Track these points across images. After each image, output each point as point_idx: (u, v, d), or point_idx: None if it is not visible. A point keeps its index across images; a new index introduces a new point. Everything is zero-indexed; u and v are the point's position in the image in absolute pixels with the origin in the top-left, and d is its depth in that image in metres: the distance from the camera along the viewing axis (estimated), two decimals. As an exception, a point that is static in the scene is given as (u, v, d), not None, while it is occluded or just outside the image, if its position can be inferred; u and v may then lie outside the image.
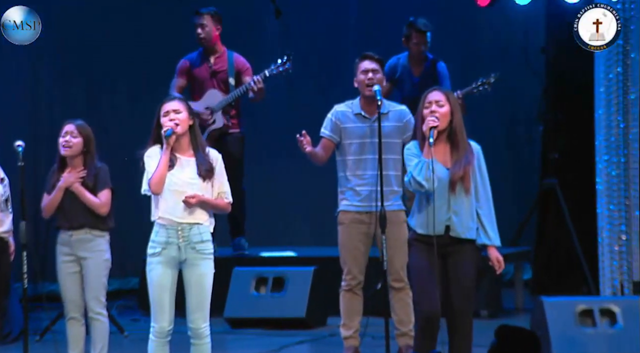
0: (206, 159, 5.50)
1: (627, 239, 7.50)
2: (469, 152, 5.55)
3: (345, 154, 6.65)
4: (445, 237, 5.54)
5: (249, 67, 8.41)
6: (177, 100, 5.57)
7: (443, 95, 5.57)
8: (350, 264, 6.62)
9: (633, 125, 7.53)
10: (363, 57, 6.64)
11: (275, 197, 10.01)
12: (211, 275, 5.53)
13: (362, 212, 6.58)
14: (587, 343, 6.72)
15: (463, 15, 9.64)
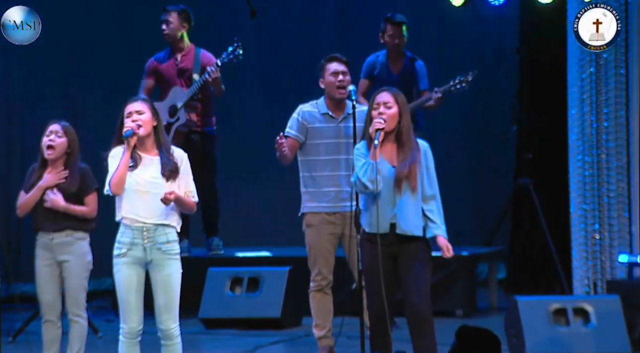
0: (170, 159, 5.49)
1: (600, 238, 7.54)
2: (416, 150, 5.59)
3: (310, 153, 6.64)
4: (392, 235, 5.56)
5: (214, 61, 8.39)
6: (141, 101, 5.56)
7: (392, 97, 5.61)
8: (321, 265, 6.63)
9: (606, 125, 7.57)
10: (331, 59, 6.65)
11: (250, 196, 10.00)
12: (178, 275, 5.51)
13: (330, 213, 6.59)
14: (561, 342, 6.75)
15: (438, 16, 9.67)
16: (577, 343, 6.76)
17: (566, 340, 6.76)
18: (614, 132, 7.54)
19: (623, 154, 7.54)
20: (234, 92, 9.09)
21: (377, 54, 8.48)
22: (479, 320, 8.27)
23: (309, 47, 10.01)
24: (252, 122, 9.89)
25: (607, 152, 7.56)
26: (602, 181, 7.57)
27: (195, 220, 8.61)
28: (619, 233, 7.52)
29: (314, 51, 10.09)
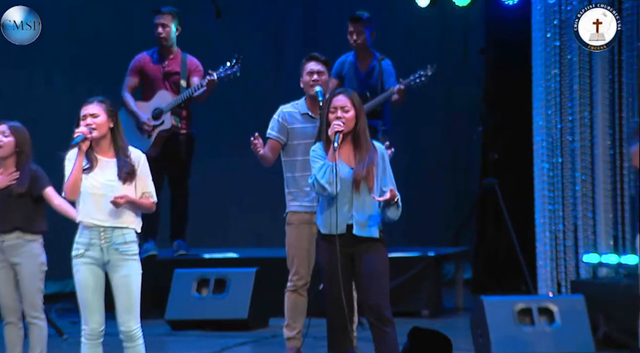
0: (127, 161, 5.46)
1: (565, 239, 7.60)
2: (373, 152, 5.61)
3: (292, 154, 6.64)
4: (348, 236, 5.58)
5: (201, 69, 8.38)
6: (96, 102, 5.51)
7: (348, 100, 5.62)
8: (298, 265, 6.62)
9: (570, 126, 7.62)
10: (309, 58, 6.65)
11: (217, 198, 9.99)
12: (137, 276, 5.48)
13: (311, 213, 6.58)
14: (526, 341, 6.79)
15: (405, 17, 9.70)
16: (541, 342, 6.80)
17: (531, 340, 6.80)
18: (579, 132, 7.60)
19: (587, 155, 7.60)
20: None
21: (347, 54, 8.51)
22: (445, 320, 8.31)
23: (276, 47, 10.01)
24: (218, 123, 9.87)
25: (571, 152, 7.61)
26: (567, 181, 7.63)
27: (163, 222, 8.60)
28: (583, 234, 7.58)
29: (281, 52, 10.12)
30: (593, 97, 7.55)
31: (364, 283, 5.59)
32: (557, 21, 7.58)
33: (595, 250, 7.53)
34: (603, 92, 7.52)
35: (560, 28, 7.57)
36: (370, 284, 5.58)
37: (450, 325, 8.13)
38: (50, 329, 7.35)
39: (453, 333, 7.67)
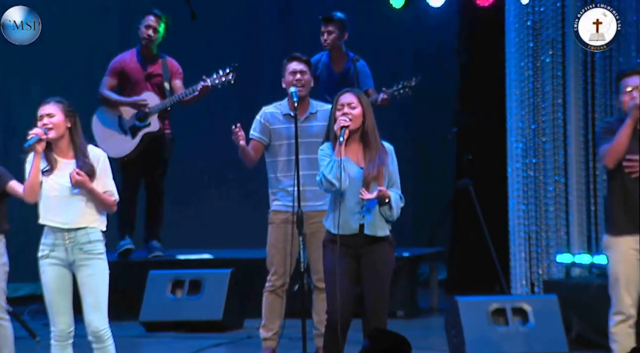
0: (87, 162, 5.43)
1: (538, 239, 7.63)
2: (383, 152, 5.60)
3: (275, 155, 6.64)
4: (360, 236, 5.56)
5: (181, 71, 8.36)
6: (53, 102, 5.47)
7: (355, 97, 5.62)
8: (277, 265, 6.62)
9: (544, 127, 7.66)
10: (291, 59, 6.65)
11: (192, 198, 9.96)
12: (103, 275, 5.45)
13: (293, 213, 6.58)
14: (500, 341, 6.82)
15: (379, 17, 9.71)
16: (515, 342, 6.82)
17: (505, 340, 6.82)
18: (552, 133, 7.64)
19: (560, 155, 7.64)
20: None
21: (321, 54, 8.51)
22: (420, 320, 8.33)
23: (251, 49, 10.00)
24: (194, 124, 9.85)
25: (545, 153, 7.65)
26: (540, 182, 7.66)
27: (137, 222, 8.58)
28: (557, 234, 7.62)
29: (257, 53, 10.10)
30: (566, 98, 7.59)
31: (368, 288, 5.58)
32: (530, 22, 7.61)
33: (568, 251, 7.57)
34: (576, 93, 7.56)
35: (534, 29, 7.61)
36: (373, 290, 5.57)
37: (425, 325, 8.15)
38: (23, 331, 7.34)
39: (428, 334, 7.73)
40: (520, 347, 6.81)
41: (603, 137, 5.88)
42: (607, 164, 5.85)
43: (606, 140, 5.84)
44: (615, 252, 5.84)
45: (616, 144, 5.78)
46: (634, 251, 5.80)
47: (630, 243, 5.80)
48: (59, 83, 9.12)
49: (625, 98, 5.83)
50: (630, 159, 5.79)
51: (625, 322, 5.81)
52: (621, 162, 5.79)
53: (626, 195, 5.81)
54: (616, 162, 5.81)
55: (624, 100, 5.84)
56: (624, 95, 5.84)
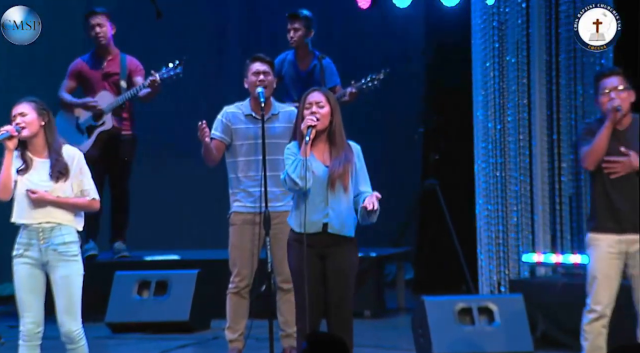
0: (60, 160, 5.45)
1: (504, 238, 7.67)
2: (348, 151, 5.60)
3: (236, 155, 6.64)
4: (324, 235, 5.56)
5: (142, 68, 8.35)
6: (26, 102, 5.52)
7: (323, 97, 5.62)
8: (240, 266, 6.61)
9: (510, 127, 7.70)
10: (254, 59, 6.65)
11: (158, 199, 9.92)
12: (77, 277, 5.47)
13: (254, 213, 6.57)
14: (467, 341, 6.84)
15: (345, 17, 9.72)
16: (482, 342, 6.85)
17: (472, 339, 6.85)
18: (517, 133, 7.67)
19: (526, 155, 7.67)
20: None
21: (286, 52, 8.51)
22: (387, 320, 8.35)
23: (217, 48, 9.98)
24: (160, 124, 9.81)
25: (510, 153, 7.69)
26: (506, 182, 7.70)
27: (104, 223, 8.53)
28: (522, 233, 7.66)
29: (222, 52, 10.09)
30: (531, 98, 7.63)
31: (331, 288, 5.57)
32: (496, 23, 7.65)
33: (534, 250, 7.61)
34: (541, 94, 7.60)
35: (499, 30, 7.64)
36: (337, 291, 5.57)
37: (392, 325, 8.17)
38: (-12, 333, 7.29)
39: (395, 334, 7.75)
40: (486, 346, 6.84)
41: (583, 139, 5.90)
42: (587, 165, 5.88)
43: (586, 141, 5.86)
44: (596, 250, 5.86)
45: (596, 146, 5.81)
46: (614, 250, 5.82)
47: (612, 242, 5.82)
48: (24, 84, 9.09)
49: (604, 99, 5.86)
50: (609, 160, 5.82)
51: (599, 321, 5.83)
52: (601, 163, 5.82)
53: (606, 195, 5.84)
54: (596, 164, 5.83)
55: (603, 102, 5.86)
56: (602, 97, 5.87)
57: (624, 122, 5.87)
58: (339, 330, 5.58)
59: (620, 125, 5.86)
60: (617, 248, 5.81)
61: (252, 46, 9.03)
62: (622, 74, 5.89)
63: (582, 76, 7.46)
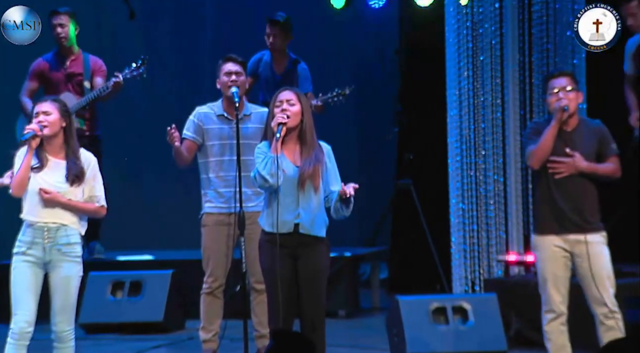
0: (77, 163, 5.51)
1: (478, 238, 7.69)
2: (319, 151, 5.60)
3: (207, 155, 6.63)
4: (295, 236, 5.56)
5: (105, 68, 8.30)
6: (50, 101, 5.60)
7: (294, 95, 5.62)
8: (213, 267, 6.61)
9: (483, 127, 7.72)
10: (226, 59, 6.64)
11: (132, 199, 9.89)
12: (77, 279, 5.55)
13: (225, 214, 6.57)
14: (441, 340, 6.86)
15: (320, 18, 9.72)
16: (456, 341, 6.87)
17: (446, 339, 6.87)
18: (491, 133, 7.70)
19: (500, 155, 7.70)
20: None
21: (262, 52, 8.51)
22: (361, 320, 8.36)
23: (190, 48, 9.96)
24: (133, 124, 9.79)
25: (484, 152, 7.71)
26: (480, 181, 7.72)
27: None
28: (496, 233, 7.68)
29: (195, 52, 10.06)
30: (505, 98, 7.66)
31: (304, 289, 5.58)
32: (469, 23, 7.67)
33: (507, 249, 7.64)
34: (514, 94, 7.63)
35: (473, 30, 7.67)
36: (309, 291, 5.57)
37: (366, 325, 8.18)
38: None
39: (369, 333, 7.76)
40: (460, 346, 6.86)
41: (530, 138, 5.96)
42: (532, 164, 5.94)
43: (533, 141, 5.92)
44: (542, 251, 5.94)
45: (541, 145, 5.86)
46: (560, 249, 5.89)
47: (556, 242, 5.89)
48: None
49: (552, 99, 5.92)
50: (554, 160, 5.87)
51: (557, 320, 5.90)
52: (546, 162, 5.88)
53: (551, 195, 5.90)
54: (541, 163, 5.89)
55: (550, 102, 5.92)
56: (550, 97, 5.93)
57: (572, 123, 5.93)
58: (312, 330, 5.58)
59: (567, 126, 5.91)
60: (562, 248, 5.89)
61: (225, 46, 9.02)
62: (571, 75, 5.96)
63: (554, 76, 7.49)
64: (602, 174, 5.93)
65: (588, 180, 5.91)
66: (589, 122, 6.04)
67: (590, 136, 5.95)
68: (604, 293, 5.82)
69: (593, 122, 6.06)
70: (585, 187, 5.89)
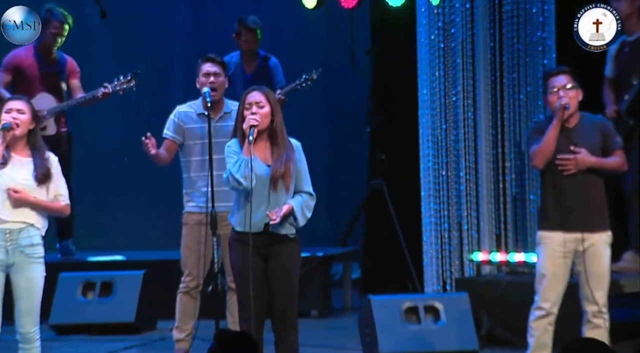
0: (44, 163, 5.48)
1: (450, 237, 7.71)
2: (290, 149, 5.60)
3: (189, 154, 6.62)
4: (266, 235, 5.55)
5: (79, 70, 8.26)
6: (24, 101, 5.58)
7: (263, 96, 5.61)
8: (192, 266, 6.59)
9: (455, 127, 7.75)
10: (205, 59, 6.64)
11: (103, 199, 9.85)
12: (41, 279, 5.52)
13: (206, 213, 6.54)
14: (413, 339, 6.87)
15: (292, 17, 9.72)
16: (428, 340, 6.89)
17: (418, 338, 6.88)
18: (463, 133, 7.72)
19: (471, 154, 7.72)
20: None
21: (231, 54, 8.51)
22: (333, 320, 8.36)
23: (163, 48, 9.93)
24: (105, 124, 9.74)
25: (456, 152, 7.73)
26: (452, 181, 7.74)
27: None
28: (468, 232, 7.71)
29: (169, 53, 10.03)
30: (476, 97, 7.68)
31: (275, 288, 5.57)
32: (441, 23, 7.69)
33: (479, 249, 7.67)
34: (485, 93, 7.65)
35: (444, 30, 7.69)
36: (281, 290, 5.56)
37: (338, 324, 8.19)
38: None
39: (341, 333, 7.76)
40: (432, 345, 6.87)
41: (533, 138, 5.95)
42: (536, 164, 5.93)
43: (536, 140, 5.91)
44: (545, 248, 5.90)
45: (544, 145, 5.86)
46: (563, 247, 5.87)
47: (562, 241, 5.86)
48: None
49: (553, 98, 5.91)
50: (562, 157, 5.87)
51: (546, 318, 5.89)
52: (551, 161, 5.88)
53: (556, 193, 5.89)
54: (545, 162, 5.89)
55: (551, 100, 5.92)
56: (551, 95, 5.92)
57: (573, 120, 5.93)
58: (284, 330, 5.58)
59: (569, 123, 5.92)
60: (566, 247, 5.87)
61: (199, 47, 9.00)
62: (570, 73, 5.95)
63: (525, 76, 7.53)
64: (609, 168, 5.89)
65: (595, 175, 5.87)
66: (591, 118, 6.01)
67: (594, 131, 5.93)
68: (598, 293, 5.82)
69: (595, 117, 6.04)
70: (592, 183, 5.86)
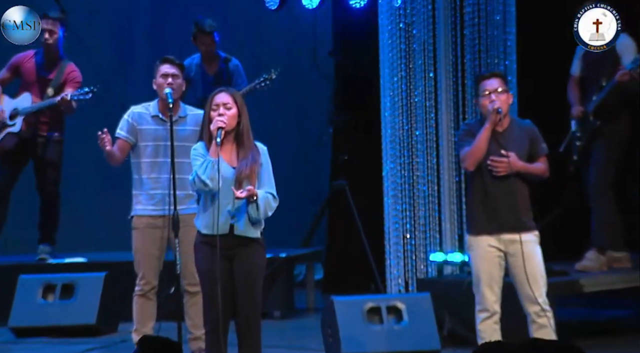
0: None
1: (412, 238, 7.73)
2: (255, 151, 5.60)
3: (140, 156, 6.59)
4: (230, 237, 5.54)
5: (79, 80, 8.19)
6: None
7: (230, 98, 5.61)
8: (145, 269, 6.56)
9: (417, 127, 7.77)
10: (163, 61, 6.62)
11: (65, 201, 9.78)
12: None
13: (156, 216, 6.53)
14: (375, 340, 6.89)
15: (253, 18, 9.71)
16: (390, 340, 6.90)
17: (380, 338, 6.89)
18: (425, 134, 7.75)
19: (433, 155, 7.75)
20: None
21: (192, 56, 8.50)
22: (296, 321, 8.36)
23: (123, 48, 9.87)
24: (67, 125, 9.66)
25: (418, 153, 7.76)
26: (414, 181, 7.77)
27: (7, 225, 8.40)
28: (430, 233, 7.73)
29: (129, 53, 9.98)
30: (438, 98, 7.71)
31: (239, 289, 5.56)
32: (402, 24, 7.71)
33: (441, 249, 7.69)
34: (447, 95, 7.69)
35: (406, 31, 7.71)
36: (245, 292, 5.56)
37: (301, 325, 8.19)
38: None
39: (304, 334, 7.76)
40: (394, 345, 6.89)
41: (464, 140, 6.02)
42: (467, 166, 6.00)
43: (467, 142, 5.98)
44: (476, 251, 6.01)
45: (476, 147, 5.92)
46: (494, 249, 5.96)
47: (490, 242, 5.95)
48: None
49: (485, 101, 5.98)
50: (495, 159, 5.93)
51: (491, 318, 5.97)
52: (481, 163, 5.93)
53: (485, 195, 5.96)
54: (476, 165, 5.96)
55: (483, 104, 5.99)
56: (482, 98, 5.99)
57: (503, 124, 6.01)
58: (247, 331, 5.57)
59: (499, 126, 6.00)
60: (496, 248, 5.96)
61: (159, 47, 8.96)
62: (502, 76, 6.05)
63: (487, 77, 7.55)
64: (534, 173, 6.01)
65: (521, 179, 5.99)
66: (519, 122, 6.12)
67: (522, 136, 6.03)
68: (537, 291, 5.90)
69: (524, 122, 6.14)
70: (519, 186, 5.97)
